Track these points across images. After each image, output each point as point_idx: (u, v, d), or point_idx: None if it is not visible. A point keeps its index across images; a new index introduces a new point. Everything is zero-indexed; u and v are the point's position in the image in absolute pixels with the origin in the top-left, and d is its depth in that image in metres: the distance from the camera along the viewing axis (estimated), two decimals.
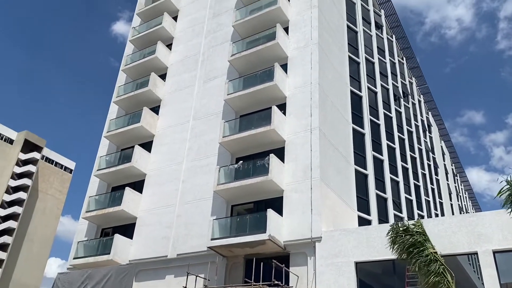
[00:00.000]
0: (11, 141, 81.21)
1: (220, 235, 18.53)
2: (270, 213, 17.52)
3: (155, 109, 26.63)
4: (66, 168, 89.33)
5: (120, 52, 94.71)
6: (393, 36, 37.47)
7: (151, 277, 20.79)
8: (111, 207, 22.91)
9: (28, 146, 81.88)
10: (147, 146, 25.29)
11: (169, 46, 28.98)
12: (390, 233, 11.81)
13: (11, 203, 77.47)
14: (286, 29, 23.64)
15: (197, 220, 20.66)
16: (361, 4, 30.71)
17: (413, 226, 11.68)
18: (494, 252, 14.19)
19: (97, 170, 25.09)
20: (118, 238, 21.57)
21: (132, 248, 22.00)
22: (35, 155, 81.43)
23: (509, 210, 9.81)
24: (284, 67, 22.38)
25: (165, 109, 26.24)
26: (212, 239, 18.47)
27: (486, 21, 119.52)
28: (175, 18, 30.13)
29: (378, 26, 33.52)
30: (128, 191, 22.89)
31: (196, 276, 18.08)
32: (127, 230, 22.96)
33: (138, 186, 24.11)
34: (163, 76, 27.77)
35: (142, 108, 25.57)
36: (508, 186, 9.65)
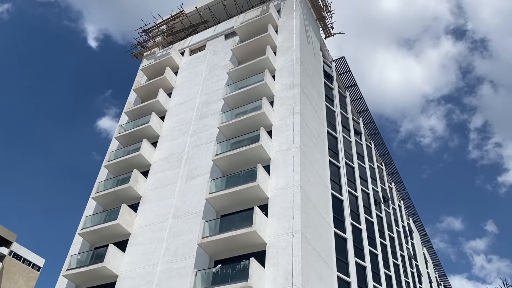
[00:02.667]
0: None
1: None
2: None
3: (134, 206, 26.11)
4: (34, 265, 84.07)
5: (103, 147, 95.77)
6: (372, 143, 39.02)
7: None
8: None
9: None
10: (122, 244, 24.27)
11: (154, 143, 29.47)
12: None
13: None
14: (270, 132, 24.47)
15: None
16: (341, 112, 32.41)
17: None
18: None
19: (66, 270, 23.64)
20: None
21: None
22: (2, 250, 77.08)
23: None
24: (267, 168, 22.70)
25: (145, 206, 25.75)
26: None
27: (457, 131, 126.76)
28: (162, 118, 31.09)
29: (357, 133, 35.04)
30: None
31: None
32: None
33: None
34: (145, 173, 27.76)
35: (120, 205, 25.05)
36: None
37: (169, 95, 32.73)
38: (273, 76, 27.73)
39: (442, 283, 54.72)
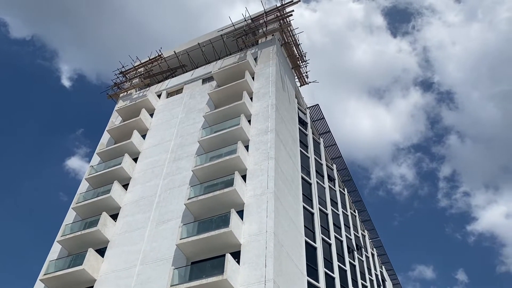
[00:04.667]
0: None
1: None
2: None
3: (102, 251, 25.04)
4: None
5: (70, 187, 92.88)
6: (345, 189, 39.33)
7: None
8: None
9: None
10: None
11: (126, 186, 28.80)
12: None
13: None
14: (244, 177, 24.35)
15: None
16: (315, 158, 32.76)
17: None
18: None
19: None
20: None
21: None
22: None
23: None
24: (240, 213, 22.37)
25: (112, 251, 24.74)
26: None
27: (427, 180, 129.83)
28: (135, 159, 30.61)
29: (331, 179, 35.33)
30: None
31: None
32: None
33: None
34: (114, 216, 26.89)
35: (87, 249, 23.98)
36: None
37: (144, 136, 32.44)
38: (249, 121, 28.01)
39: None
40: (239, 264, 19.99)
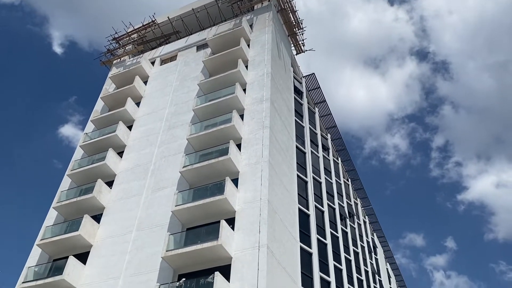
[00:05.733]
0: None
1: None
2: None
3: (97, 217, 25.36)
4: None
5: (64, 155, 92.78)
6: (339, 159, 39.67)
7: None
8: None
9: None
10: (83, 256, 23.44)
11: (120, 153, 28.85)
12: None
13: None
14: (239, 145, 24.46)
15: None
16: (310, 128, 32.84)
17: None
18: None
19: (22, 282, 22.57)
20: None
21: None
22: None
23: None
24: (235, 181, 22.61)
25: (108, 217, 25.06)
26: None
27: (420, 150, 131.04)
28: (129, 127, 30.53)
29: (325, 149, 35.56)
30: None
31: None
32: None
33: None
34: (110, 183, 27.06)
35: (83, 216, 24.26)
36: None
37: (138, 104, 32.24)
38: (244, 90, 27.85)
39: None
40: (233, 230, 20.37)
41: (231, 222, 20.83)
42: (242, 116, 26.10)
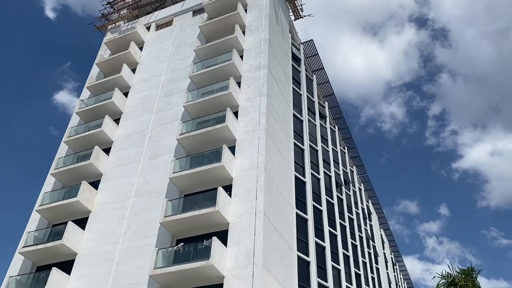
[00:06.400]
0: None
1: None
2: None
3: (95, 184, 25.55)
4: None
5: (60, 122, 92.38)
6: (336, 127, 39.72)
7: None
8: None
9: None
10: (82, 222, 23.78)
11: (117, 120, 28.75)
12: None
13: None
14: (236, 113, 24.39)
15: None
16: (307, 95, 32.68)
17: None
18: None
19: (23, 247, 22.98)
20: None
21: None
22: None
23: None
24: (232, 149, 22.70)
25: (106, 184, 25.25)
26: None
27: (416, 118, 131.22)
28: (125, 94, 30.29)
29: (322, 117, 35.54)
30: (54, 272, 20.93)
31: None
32: None
33: (67, 266, 22.17)
34: (107, 150, 27.12)
35: (81, 182, 24.44)
36: (444, 281, 9.86)
37: (133, 70, 31.85)
38: (241, 56, 27.49)
39: (397, 264, 57.22)
40: (230, 197, 20.63)
41: (228, 189, 21.06)
42: (239, 84, 25.89)
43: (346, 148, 41.97)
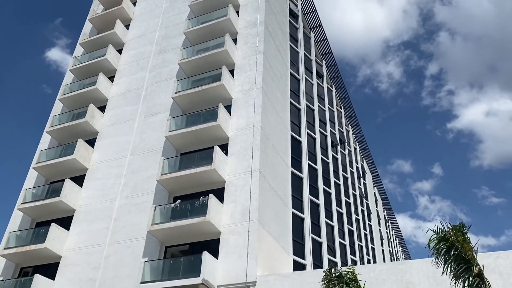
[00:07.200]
0: None
1: (151, 279, 17.62)
2: (206, 256, 17.03)
3: (91, 142, 25.56)
4: None
5: (54, 80, 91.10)
6: (333, 86, 39.45)
7: None
8: (33, 244, 21.15)
9: None
10: (79, 180, 24.00)
11: (111, 78, 28.37)
12: (323, 281, 11.84)
13: None
14: (232, 72, 24.08)
15: (128, 262, 19.58)
16: (304, 54, 32.21)
17: (346, 273, 11.82)
18: None
19: (21, 203, 23.29)
20: (38, 279, 19.79)
21: None
22: None
23: (435, 260, 10.24)
24: (228, 108, 22.60)
25: (102, 142, 25.28)
26: (142, 283, 17.51)
27: (413, 78, 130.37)
28: (119, 51, 29.71)
29: (319, 76, 35.19)
30: (54, 227, 21.35)
31: None
32: (50, 270, 21.20)
33: (65, 222, 22.59)
34: (102, 108, 26.94)
35: (76, 140, 24.45)
36: (435, 236, 10.12)
37: (127, 27, 31.07)
38: (237, 12, 26.81)
39: (389, 221, 58.67)
40: (227, 156, 20.77)
41: (224, 148, 21.16)
42: (235, 41, 25.40)
43: (342, 107, 41.90)
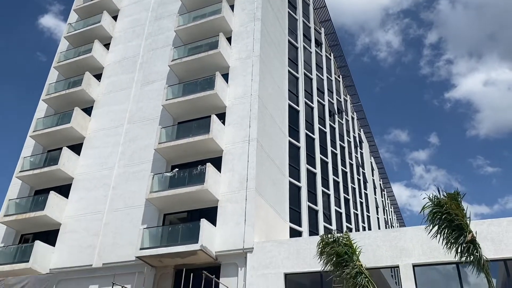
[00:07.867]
0: None
1: (150, 245, 17.95)
2: (204, 223, 17.31)
3: (88, 110, 25.44)
4: None
5: (48, 47, 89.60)
6: (331, 54, 39.00)
7: None
8: (33, 211, 21.41)
9: None
10: (76, 148, 24.03)
11: (107, 45, 27.92)
12: (319, 244, 12.13)
13: None
14: (229, 39, 23.71)
15: (127, 229, 19.89)
16: (303, 21, 31.66)
17: (341, 238, 12.08)
18: (414, 266, 15.04)
19: (20, 171, 23.38)
20: (38, 245, 20.14)
21: (54, 256, 20.65)
22: None
23: (429, 226, 10.45)
24: (225, 76, 22.39)
25: (98, 110, 25.15)
26: (141, 249, 17.84)
27: (412, 46, 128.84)
28: (114, 18, 29.13)
29: (318, 44, 34.72)
30: (52, 195, 21.54)
31: (122, 287, 17.35)
32: (50, 236, 21.56)
33: (64, 190, 22.77)
34: (98, 76, 26.65)
35: (73, 108, 24.31)
36: (430, 203, 10.28)
37: None
38: None
39: (385, 190, 59.39)
40: (224, 125, 20.74)
41: (221, 117, 21.10)
42: (232, 7, 24.88)
43: (340, 76, 41.57)
